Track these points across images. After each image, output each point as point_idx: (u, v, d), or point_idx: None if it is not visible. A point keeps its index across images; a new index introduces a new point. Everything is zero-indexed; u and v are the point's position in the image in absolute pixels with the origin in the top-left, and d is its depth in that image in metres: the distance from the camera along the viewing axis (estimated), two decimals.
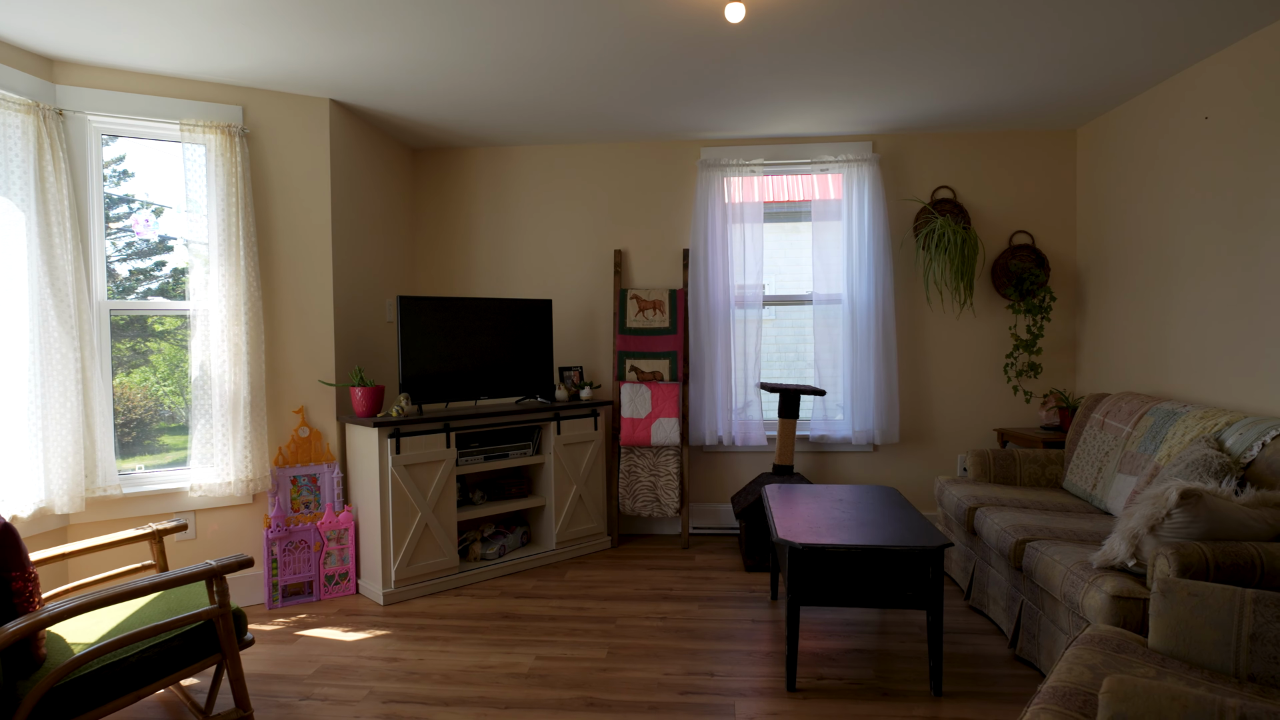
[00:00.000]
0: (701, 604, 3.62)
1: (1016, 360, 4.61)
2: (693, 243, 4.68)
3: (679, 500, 4.54)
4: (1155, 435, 3.23)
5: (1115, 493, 3.33)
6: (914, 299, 4.69)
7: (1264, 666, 1.80)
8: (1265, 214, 3.04)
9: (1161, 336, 3.73)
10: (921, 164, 4.64)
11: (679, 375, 4.60)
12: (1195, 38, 3.13)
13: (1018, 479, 3.92)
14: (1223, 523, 2.39)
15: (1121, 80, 3.66)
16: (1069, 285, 4.60)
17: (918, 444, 4.71)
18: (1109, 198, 4.20)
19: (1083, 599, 2.46)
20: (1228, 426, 2.91)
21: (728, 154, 4.71)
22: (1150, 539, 2.44)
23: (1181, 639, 1.90)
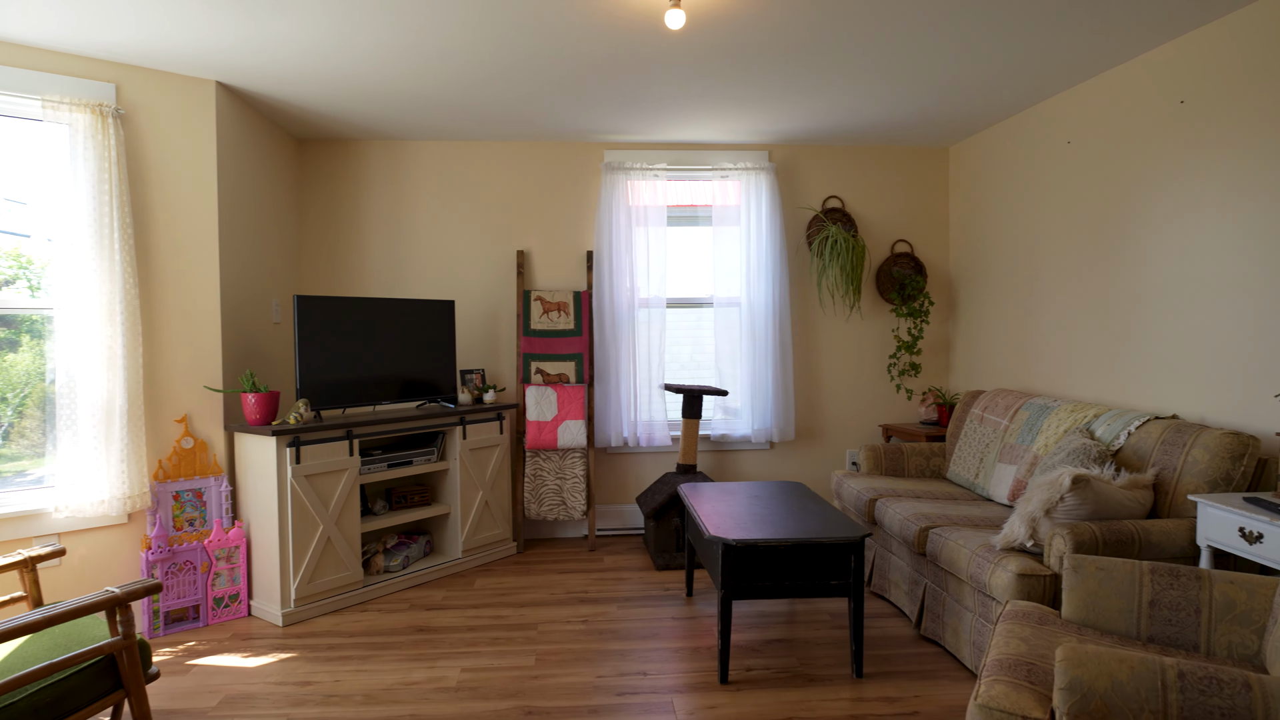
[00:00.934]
0: (620, 605, 3.64)
1: (899, 360, 4.95)
2: (597, 244, 4.69)
3: (586, 503, 4.53)
4: (1031, 428, 3.56)
5: (997, 480, 3.64)
6: (807, 302, 4.92)
7: (1160, 629, 2.04)
8: (1120, 230, 3.44)
9: (1029, 338, 4.12)
10: (813, 174, 4.88)
11: (585, 377, 4.59)
12: (1060, 70, 3.49)
13: (906, 471, 4.21)
14: (1105, 504, 2.68)
15: (992, 105, 4.02)
16: (943, 290, 4.98)
17: (811, 440, 4.95)
18: (978, 211, 4.59)
19: (989, 579, 2.68)
20: (1096, 418, 3.26)
21: (631, 157, 4.76)
22: (1046, 521, 2.69)
23: (1091, 609, 2.12)
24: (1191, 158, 3.04)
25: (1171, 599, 2.04)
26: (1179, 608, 2.03)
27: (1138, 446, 2.97)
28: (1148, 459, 2.90)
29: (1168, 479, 2.78)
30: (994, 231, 4.44)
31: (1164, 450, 2.84)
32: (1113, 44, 3.17)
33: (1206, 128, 2.97)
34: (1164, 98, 3.17)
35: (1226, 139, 2.88)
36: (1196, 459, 2.69)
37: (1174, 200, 3.13)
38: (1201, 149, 2.99)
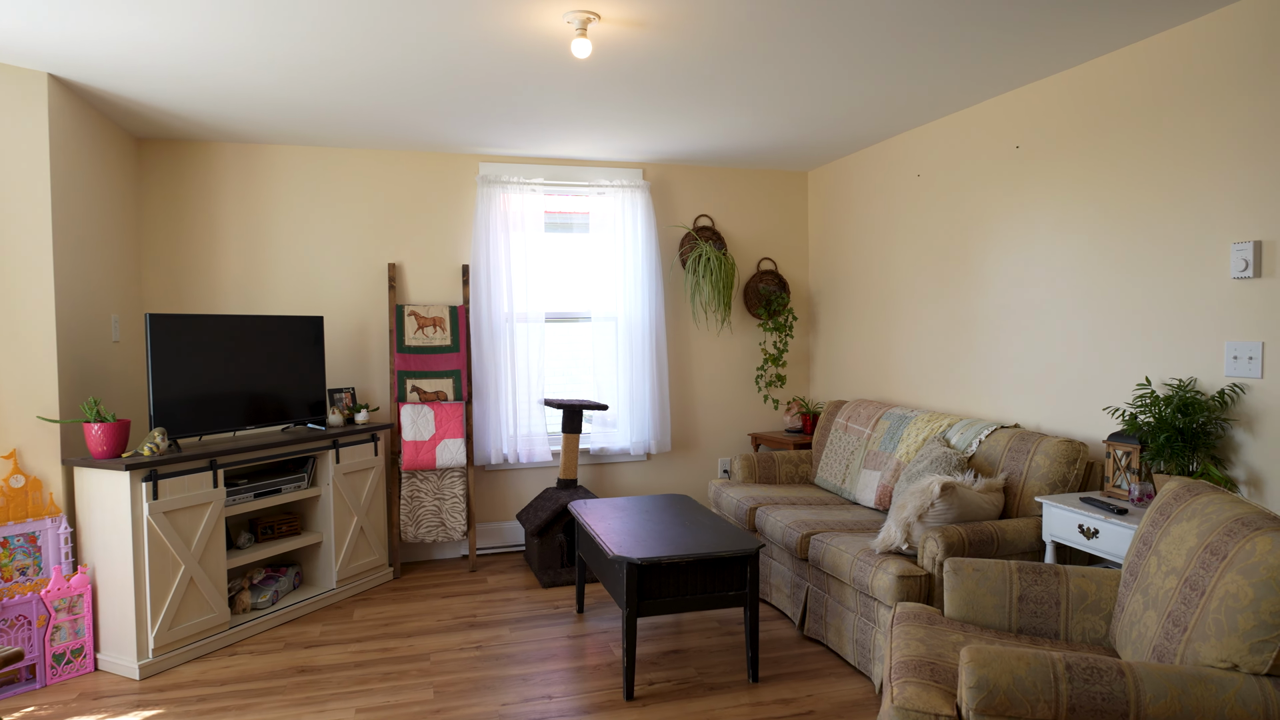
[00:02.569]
0: (512, 627, 3.60)
1: (766, 372, 5.22)
2: (473, 258, 4.60)
3: (466, 522, 4.43)
4: (893, 436, 3.89)
5: (863, 486, 3.94)
6: (681, 317, 5.08)
7: (1028, 620, 2.32)
8: (964, 257, 3.83)
9: (885, 351, 4.49)
10: (685, 193, 5.05)
11: (464, 394, 4.49)
12: (911, 111, 3.84)
13: (778, 478, 4.45)
14: (968, 507, 2.99)
15: (848, 137, 4.35)
16: (805, 306, 5.31)
17: (686, 451, 5.11)
18: (836, 232, 4.95)
19: (872, 581, 2.91)
20: (950, 427, 3.62)
21: (508, 171, 4.71)
22: (919, 525, 2.96)
23: (970, 606, 2.36)
24: (1026, 196, 3.45)
25: (1036, 593, 2.32)
26: (1042, 601, 2.31)
27: (988, 453, 3.33)
28: (997, 464, 3.26)
29: (1016, 482, 3.13)
30: (851, 252, 4.80)
31: (1011, 456, 3.20)
32: (957, 90, 3.53)
33: (1039, 170, 3.38)
34: (1002, 141, 3.57)
35: (1055, 181, 3.29)
36: (1039, 464, 3.06)
37: (1011, 232, 3.53)
38: (1034, 189, 3.40)
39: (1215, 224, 2.65)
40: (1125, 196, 2.98)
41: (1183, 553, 1.91)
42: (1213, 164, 2.65)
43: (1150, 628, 1.92)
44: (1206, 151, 2.67)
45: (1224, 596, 1.69)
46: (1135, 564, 2.14)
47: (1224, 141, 2.61)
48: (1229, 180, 2.60)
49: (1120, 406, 3.00)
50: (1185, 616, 1.79)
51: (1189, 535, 1.92)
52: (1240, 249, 2.55)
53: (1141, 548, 2.14)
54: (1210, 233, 2.67)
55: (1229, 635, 1.65)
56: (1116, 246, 3.02)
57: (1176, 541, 1.96)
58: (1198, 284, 2.71)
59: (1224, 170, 2.61)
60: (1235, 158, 2.57)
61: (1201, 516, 1.93)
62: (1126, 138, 2.96)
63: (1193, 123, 2.71)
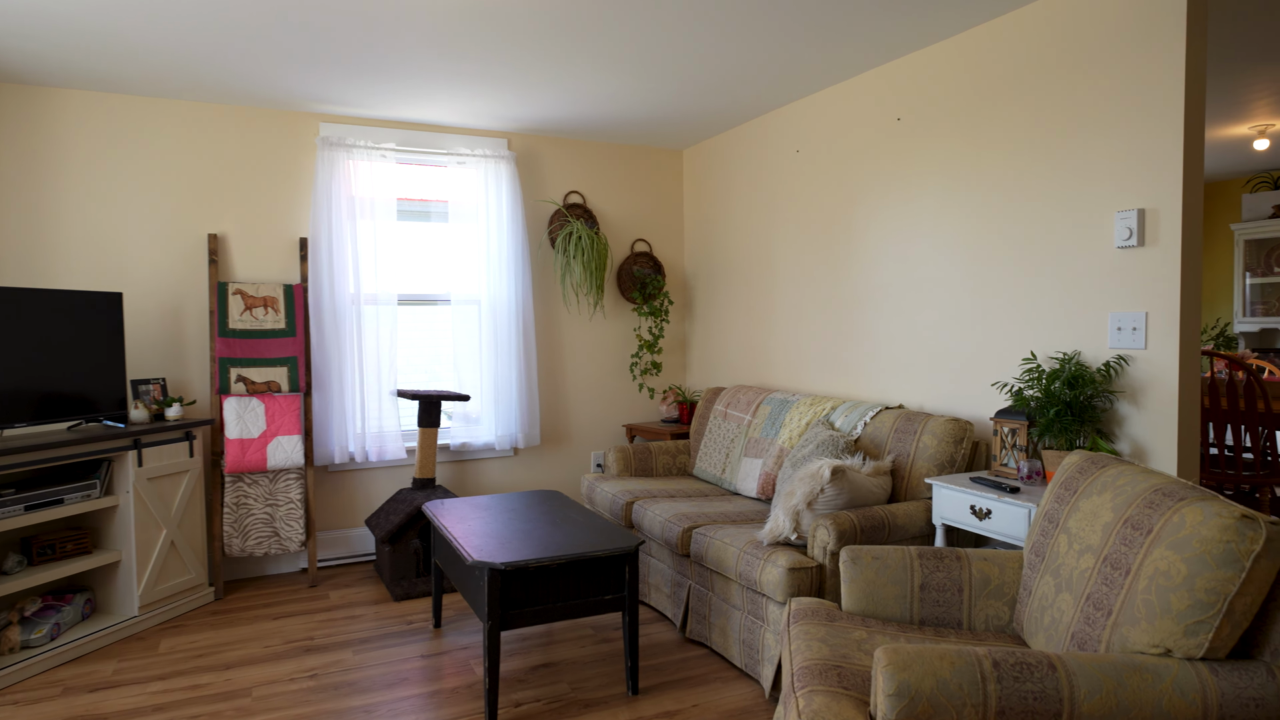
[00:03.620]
0: (356, 649, 3.12)
1: (641, 359, 4.94)
2: (313, 231, 4.05)
3: (304, 531, 3.88)
4: (774, 421, 3.70)
5: (744, 475, 3.73)
6: (551, 300, 4.72)
7: (930, 610, 2.13)
8: (846, 234, 3.70)
9: (765, 335, 4.32)
10: (554, 167, 4.69)
11: (301, 385, 3.93)
12: (789, 82, 3.67)
13: (655, 470, 4.18)
14: (858, 492, 2.81)
15: (726, 110, 4.14)
16: (681, 290, 5.08)
17: (557, 445, 4.75)
18: (712, 213, 4.74)
19: (760, 575, 2.67)
20: (834, 410, 3.46)
21: (355, 134, 4.18)
22: (809, 513, 2.75)
23: (870, 598, 2.15)
24: (909, 169, 3.33)
25: (939, 580, 2.14)
26: (945, 588, 2.13)
27: (874, 435, 3.18)
28: (884, 446, 3.11)
29: (903, 464, 2.99)
30: (729, 233, 4.60)
31: (898, 437, 3.06)
32: (837, 60, 3.37)
33: (921, 143, 3.27)
34: (884, 113, 3.45)
35: (938, 154, 3.19)
36: (926, 444, 2.93)
37: (894, 208, 3.42)
38: (917, 162, 3.29)
39: (1100, 192, 2.59)
40: (1010, 167, 2.89)
41: (1098, 529, 1.76)
42: (1097, 131, 2.58)
43: (1066, 612, 1.76)
44: (1091, 118, 2.60)
45: (1153, 575, 1.53)
46: (1041, 544, 1.99)
47: (1108, 107, 2.55)
48: (1113, 147, 2.54)
49: (1008, 382, 2.91)
50: (1109, 599, 1.63)
51: (1103, 510, 1.78)
52: (1124, 217, 2.49)
53: (1047, 526, 1.99)
54: (1095, 202, 2.60)
55: (1161, 617, 1.49)
56: (1001, 219, 2.94)
57: (1089, 517, 1.81)
58: (1083, 254, 2.65)
59: (1108, 137, 2.55)
60: (1120, 123, 2.51)
61: (1115, 489, 1.79)
62: (1010, 106, 2.88)
63: (1077, 89, 2.65)
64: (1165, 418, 2.42)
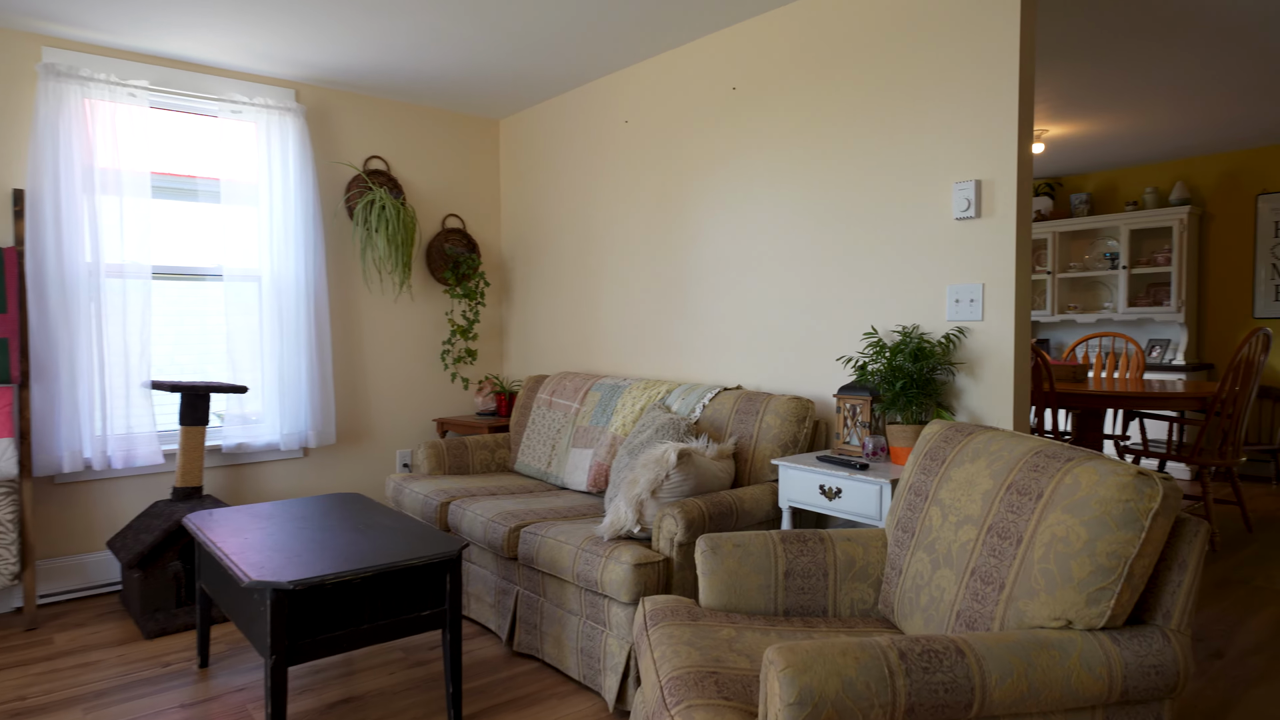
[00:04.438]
0: (88, 707, 2.44)
1: (454, 347, 4.49)
2: (33, 183, 3.22)
3: (18, 561, 3.06)
4: (605, 409, 3.43)
5: (573, 467, 3.43)
6: (349, 279, 4.14)
7: (795, 599, 1.94)
8: (678, 210, 3.51)
9: (591, 318, 4.04)
10: (354, 127, 4.12)
11: (14, 374, 3.10)
12: (617, 47, 3.43)
13: (471, 467, 3.77)
14: (704, 477, 2.60)
15: (547, 76, 3.83)
16: (497, 271, 4.68)
17: (356, 443, 4.18)
18: (533, 188, 4.40)
19: (601, 575, 2.38)
20: (669, 393, 3.25)
21: (93, 65, 3.39)
22: (653, 502, 2.50)
23: (733, 590, 1.93)
24: (744, 142, 3.20)
25: (803, 566, 1.96)
26: (810, 574, 1.95)
27: (714, 417, 3.00)
28: (725, 428, 2.94)
29: (746, 446, 2.83)
30: (551, 211, 4.28)
31: (739, 419, 2.90)
32: (668, 25, 3.18)
33: (757, 114, 3.14)
34: (717, 83, 3.30)
35: (774, 125, 3.08)
36: (770, 424, 2.79)
37: (728, 181, 3.27)
38: (753, 134, 3.16)
39: (939, 164, 2.56)
40: (848, 138, 2.82)
41: (976, 498, 1.64)
42: (935, 101, 2.56)
43: (948, 590, 1.62)
44: (929, 88, 2.57)
45: (1050, 542, 1.41)
46: (909, 519, 1.86)
47: (946, 78, 2.53)
48: (951, 117, 2.52)
49: (852, 356, 2.84)
50: (999, 571, 1.50)
51: (979, 477, 1.66)
52: (962, 188, 2.48)
53: (914, 500, 1.87)
54: (934, 173, 2.58)
55: (1063, 587, 1.37)
56: (840, 190, 2.86)
57: (964, 486, 1.70)
58: (922, 226, 2.62)
59: (946, 108, 2.53)
60: (957, 94, 2.50)
61: (989, 455, 1.68)
62: (849, 76, 2.81)
63: (915, 59, 2.61)
64: (1001, 389, 2.43)
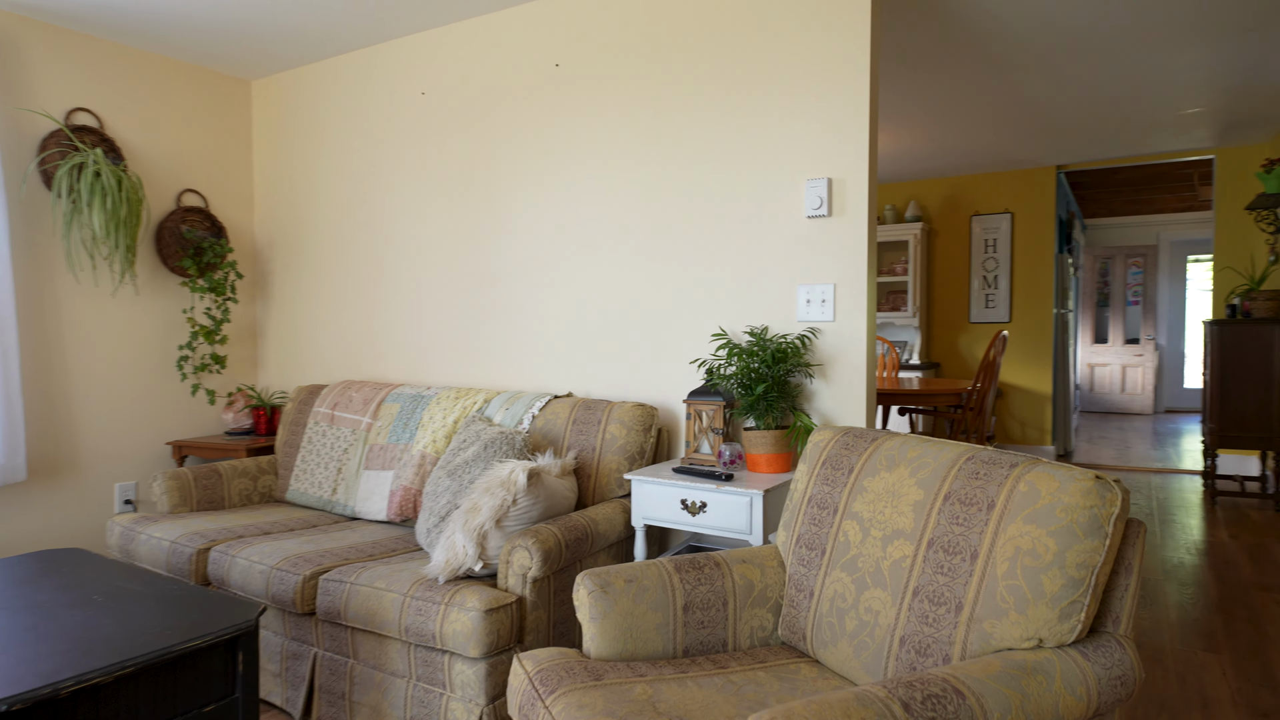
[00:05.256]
0: None
1: (196, 352, 3.66)
2: None
3: None
4: (407, 422, 2.96)
5: (366, 492, 2.91)
6: (46, 265, 3.18)
7: (694, 635, 1.70)
8: (490, 196, 3.13)
9: (377, 319, 3.49)
10: (52, 68, 3.18)
11: None
12: (407, 6, 2.98)
13: (229, 500, 3.07)
14: (553, 499, 2.27)
15: (317, 29, 3.24)
16: (252, 262, 3.91)
17: (57, 478, 3.22)
18: (298, 163, 3.72)
19: (441, 626, 1.96)
20: (487, 404, 2.86)
21: None
22: (498, 532, 2.12)
23: (629, 635, 1.64)
24: (572, 126, 2.91)
25: (702, 596, 1.72)
26: (709, 605, 1.73)
27: (547, 429, 2.68)
28: (561, 441, 2.63)
29: (588, 460, 2.55)
30: (324, 192, 3.65)
31: (578, 430, 2.61)
32: None
33: (588, 96, 2.87)
34: (539, 57, 2.98)
35: (608, 110, 2.83)
36: (614, 435, 2.53)
37: (554, 171, 2.96)
38: (582, 118, 2.89)
39: (789, 160, 2.48)
40: (693, 129, 2.66)
41: (905, 510, 1.52)
42: (785, 95, 2.47)
43: (884, 612, 1.48)
44: (779, 81, 2.48)
45: (1016, 555, 1.31)
46: (814, 534, 1.71)
47: (797, 71, 2.45)
48: (803, 112, 2.45)
49: (705, 359, 2.66)
50: (954, 590, 1.38)
51: (904, 487, 1.55)
52: (815, 185, 2.41)
53: (819, 513, 1.72)
54: (785, 169, 2.49)
55: (1034, 604, 1.28)
56: (685, 185, 2.68)
57: (886, 498, 1.57)
58: (774, 224, 2.52)
59: (797, 102, 2.45)
60: (809, 88, 2.43)
61: (909, 463, 1.58)
62: (692, 62, 2.65)
63: (764, 50, 2.51)
64: (854, 391, 2.39)
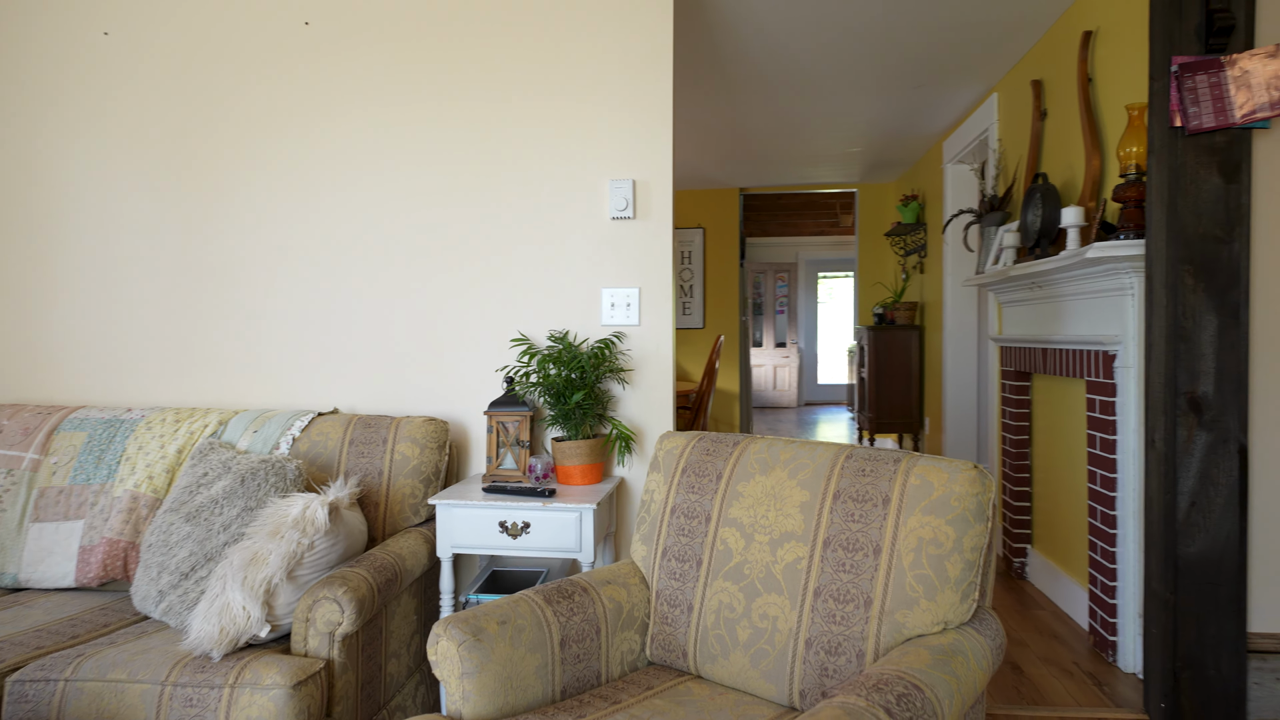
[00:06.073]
0: None
1: None
2: None
3: None
4: (101, 455, 2.29)
5: (38, 554, 2.21)
6: None
7: (572, 672, 1.53)
8: (211, 171, 2.54)
9: (40, 324, 2.64)
10: None
11: None
12: None
13: None
14: (351, 536, 1.91)
15: None
16: None
17: None
18: None
19: (228, 715, 1.52)
20: (224, 426, 2.32)
21: None
22: (289, 585, 1.72)
23: (510, 686, 1.42)
24: (329, 102, 2.49)
25: (577, 628, 1.56)
26: (583, 636, 1.57)
27: (314, 454, 2.25)
28: (334, 467, 2.23)
29: (375, 486, 2.19)
30: None
31: (357, 453, 2.23)
32: None
33: (349, 65, 2.47)
34: (281, 10, 2.50)
35: (377, 84, 2.47)
36: (405, 455, 2.21)
37: (301, 145, 2.50)
38: (339, 90, 2.48)
39: (593, 159, 2.38)
40: (488, 118, 2.42)
41: (792, 512, 1.53)
42: (589, 92, 2.38)
43: (783, 617, 1.47)
44: (583, 76, 2.38)
45: (919, 546, 1.38)
46: (685, 546, 1.65)
47: (602, 68, 2.37)
48: (608, 112, 2.37)
49: (512, 366, 2.43)
50: (860, 587, 1.41)
51: (786, 489, 1.56)
52: (619, 186, 2.36)
53: (686, 523, 1.67)
54: (588, 168, 2.39)
55: (941, 590, 1.35)
56: (478, 176, 2.44)
57: (767, 501, 1.57)
58: (575, 224, 2.40)
59: (602, 100, 2.37)
60: (614, 88, 2.37)
61: (785, 465, 1.59)
62: (487, 40, 2.42)
63: (567, 44, 2.39)
64: (661, 395, 2.39)
